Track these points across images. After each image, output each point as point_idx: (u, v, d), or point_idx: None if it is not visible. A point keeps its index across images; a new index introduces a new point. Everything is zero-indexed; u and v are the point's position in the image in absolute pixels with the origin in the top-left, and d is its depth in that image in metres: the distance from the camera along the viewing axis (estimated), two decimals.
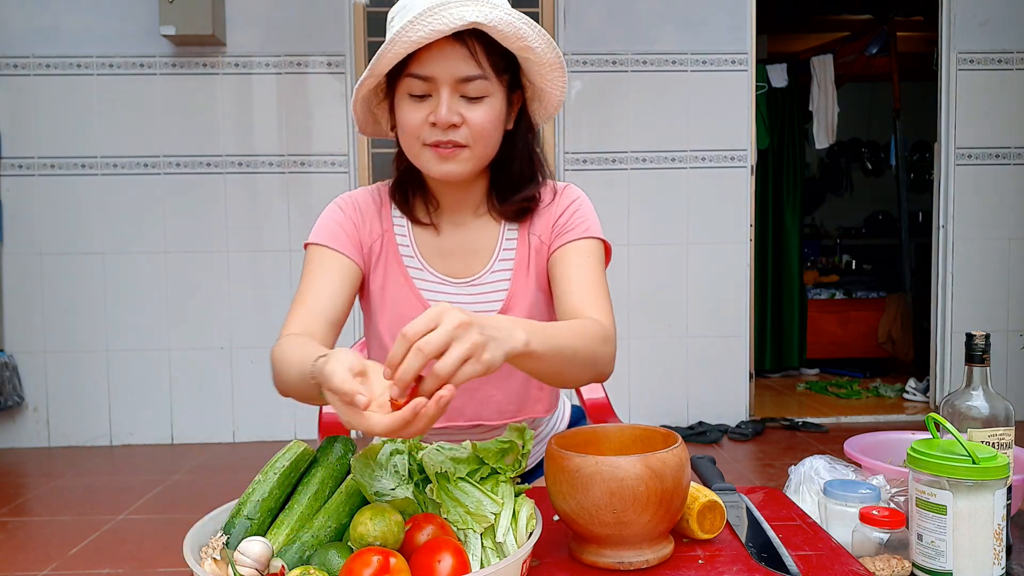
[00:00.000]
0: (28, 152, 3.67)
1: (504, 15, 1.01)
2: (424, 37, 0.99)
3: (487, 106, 1.06)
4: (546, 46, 1.07)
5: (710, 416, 3.93)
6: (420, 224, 1.19)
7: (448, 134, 1.06)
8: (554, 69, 1.10)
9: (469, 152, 1.08)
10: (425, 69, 1.04)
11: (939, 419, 0.87)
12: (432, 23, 0.98)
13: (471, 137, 1.07)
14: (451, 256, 1.19)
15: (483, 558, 0.77)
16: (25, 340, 3.71)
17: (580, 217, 1.19)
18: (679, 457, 0.80)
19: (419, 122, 1.06)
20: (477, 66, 1.04)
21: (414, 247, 1.19)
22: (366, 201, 1.21)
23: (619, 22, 3.83)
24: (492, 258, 1.20)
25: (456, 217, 1.20)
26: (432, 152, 1.08)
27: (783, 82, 4.88)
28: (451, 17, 0.98)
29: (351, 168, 3.76)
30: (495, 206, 1.19)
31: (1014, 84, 3.94)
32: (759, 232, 4.87)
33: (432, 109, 1.05)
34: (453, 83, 1.04)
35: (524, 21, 1.03)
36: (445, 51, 1.02)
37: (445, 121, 1.04)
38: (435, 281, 1.18)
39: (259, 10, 3.70)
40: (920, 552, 0.82)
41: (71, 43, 3.65)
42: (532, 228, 1.21)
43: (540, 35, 1.05)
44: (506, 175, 1.18)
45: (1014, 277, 4.01)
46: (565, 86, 1.13)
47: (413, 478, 0.84)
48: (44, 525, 2.73)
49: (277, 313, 3.77)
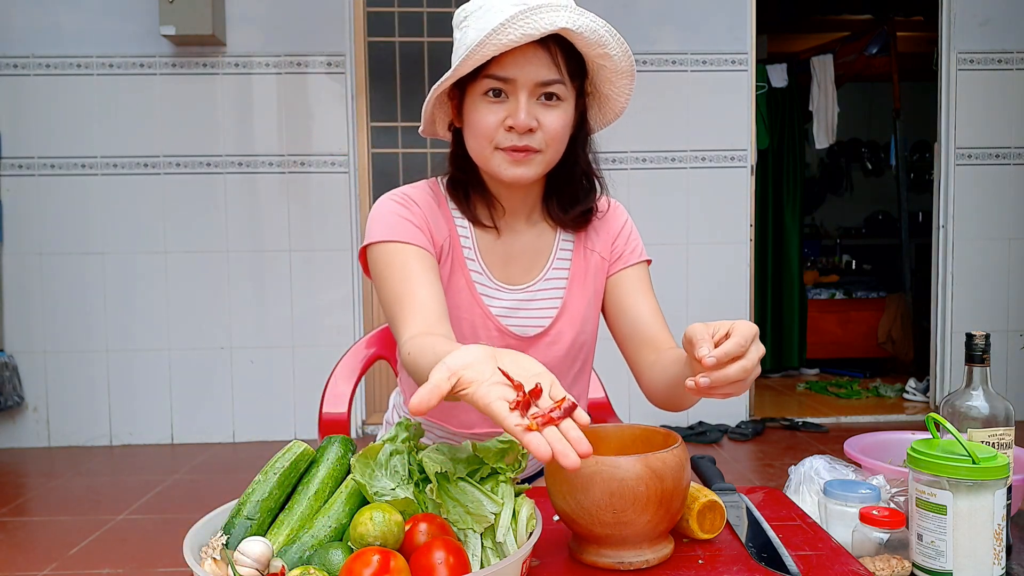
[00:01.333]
0: (28, 152, 3.67)
1: (590, 22, 1.02)
2: (515, 40, 0.99)
3: (562, 111, 1.06)
4: (623, 54, 1.07)
5: (710, 416, 3.93)
6: (481, 227, 1.18)
7: (524, 139, 1.05)
8: (625, 76, 1.10)
9: (541, 156, 1.08)
10: (506, 71, 1.03)
11: (939, 419, 0.87)
12: (523, 27, 0.98)
13: (545, 142, 1.06)
14: (509, 262, 1.19)
15: (483, 558, 0.77)
16: (25, 340, 3.71)
17: (635, 239, 1.24)
18: (679, 457, 0.80)
19: (494, 124, 1.05)
20: (557, 71, 1.04)
21: (476, 250, 1.18)
22: (426, 200, 1.16)
23: (619, 22, 3.79)
24: (546, 266, 1.20)
25: (512, 222, 1.19)
26: (504, 155, 1.07)
27: (783, 82, 4.88)
28: (543, 22, 0.98)
29: (351, 168, 3.76)
30: (553, 214, 1.19)
31: (1014, 84, 3.94)
32: (759, 232, 4.88)
33: (508, 112, 1.05)
34: (532, 87, 1.04)
35: (607, 29, 1.04)
36: (528, 55, 1.02)
37: (524, 125, 1.04)
38: (492, 287, 1.17)
39: (259, 10, 3.70)
40: (920, 552, 0.82)
41: (71, 43, 3.65)
42: (588, 242, 1.22)
43: (619, 43, 1.06)
44: (565, 182, 1.18)
45: (1014, 277, 4.00)
46: (631, 94, 1.13)
47: (413, 478, 0.84)
48: (44, 525, 2.73)
49: (277, 313, 3.78)
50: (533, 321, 1.18)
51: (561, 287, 1.19)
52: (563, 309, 1.19)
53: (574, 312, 1.19)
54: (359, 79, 3.78)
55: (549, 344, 1.18)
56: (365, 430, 3.85)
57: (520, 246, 1.19)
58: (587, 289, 1.20)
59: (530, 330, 1.17)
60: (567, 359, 1.20)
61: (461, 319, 1.16)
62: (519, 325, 1.17)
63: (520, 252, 1.19)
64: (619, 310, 1.21)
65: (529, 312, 1.18)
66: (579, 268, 1.21)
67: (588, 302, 1.20)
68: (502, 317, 1.16)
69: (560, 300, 1.19)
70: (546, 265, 1.20)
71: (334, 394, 1.44)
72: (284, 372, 3.77)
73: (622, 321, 1.21)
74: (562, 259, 1.21)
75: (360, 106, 3.78)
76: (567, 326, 1.19)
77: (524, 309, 1.17)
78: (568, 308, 1.19)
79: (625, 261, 1.22)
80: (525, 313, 1.17)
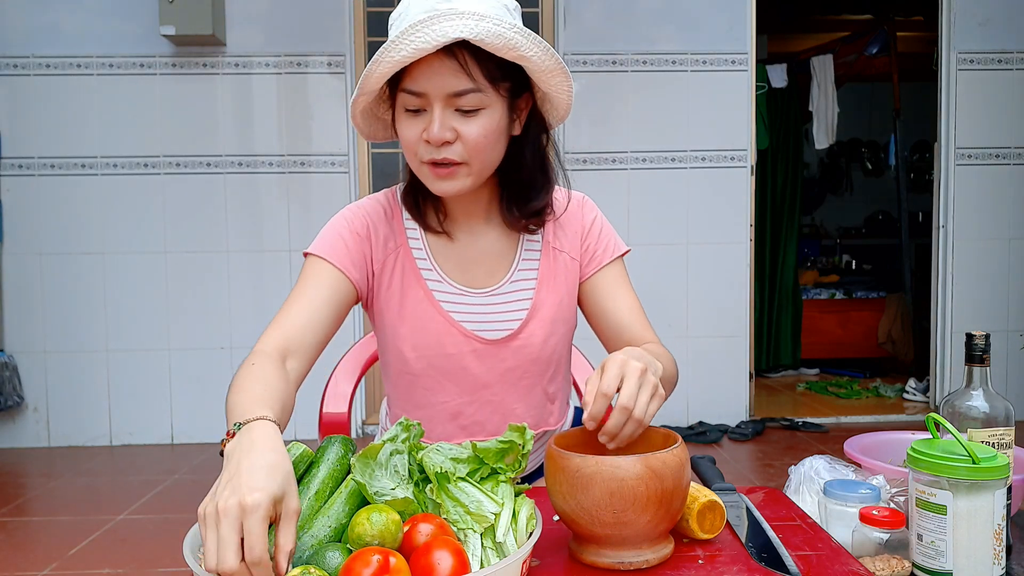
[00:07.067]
0: (28, 152, 3.67)
1: (492, 27, 0.96)
2: (408, 56, 0.96)
3: (484, 118, 1.02)
4: (543, 53, 1.01)
5: (710, 416, 3.93)
6: (433, 232, 1.17)
7: (442, 151, 1.03)
8: (555, 75, 1.05)
9: (467, 169, 1.05)
10: (417, 85, 1.00)
11: (939, 419, 0.87)
12: (415, 41, 0.95)
13: (467, 153, 1.03)
14: (469, 266, 1.17)
15: (483, 558, 0.77)
16: (25, 340, 3.71)
17: (606, 235, 1.23)
18: (679, 457, 0.80)
19: (415, 138, 1.04)
20: (469, 79, 0.99)
21: (430, 258, 1.16)
22: (375, 211, 1.17)
23: (619, 22, 3.83)
24: (511, 268, 1.18)
25: (469, 224, 1.18)
26: (429, 169, 1.05)
27: (783, 82, 4.88)
28: (434, 34, 0.95)
29: (351, 168, 3.76)
30: (508, 216, 1.16)
31: (1014, 84, 3.94)
32: (759, 232, 4.88)
33: (426, 125, 1.02)
34: (445, 98, 1.00)
35: (516, 30, 0.98)
36: (434, 66, 0.99)
37: (438, 139, 1.01)
38: (455, 292, 1.16)
39: (259, 10, 3.70)
40: (920, 552, 0.82)
41: (71, 43, 3.65)
42: (556, 241, 1.20)
43: (535, 43, 1.00)
44: (516, 181, 1.15)
45: (1014, 277, 4.01)
46: (571, 90, 1.08)
47: (413, 478, 0.84)
48: (44, 525, 2.73)
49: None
50: (501, 324, 1.16)
51: (530, 288, 1.18)
52: (533, 311, 1.17)
53: (544, 314, 1.17)
54: (359, 79, 3.78)
55: (519, 347, 1.16)
56: (365, 430, 3.85)
57: (479, 249, 1.18)
58: (558, 290, 1.19)
59: (498, 333, 1.16)
60: (539, 362, 1.19)
61: (424, 329, 1.14)
62: (486, 329, 1.15)
63: (480, 255, 1.18)
64: (599, 313, 1.21)
65: (496, 316, 1.16)
66: (548, 269, 1.19)
67: (559, 302, 1.19)
68: (466, 322, 1.15)
69: (529, 302, 1.17)
70: (511, 267, 1.18)
71: (334, 394, 1.44)
72: None
73: (604, 324, 1.21)
74: (529, 260, 1.19)
75: None
76: (538, 328, 1.17)
77: (491, 313, 1.16)
78: (538, 310, 1.17)
79: (599, 262, 1.21)
80: (492, 316, 1.16)
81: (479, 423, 1.18)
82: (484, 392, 1.17)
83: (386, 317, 1.16)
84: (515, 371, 1.17)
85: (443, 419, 1.18)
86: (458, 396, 1.17)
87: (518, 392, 1.18)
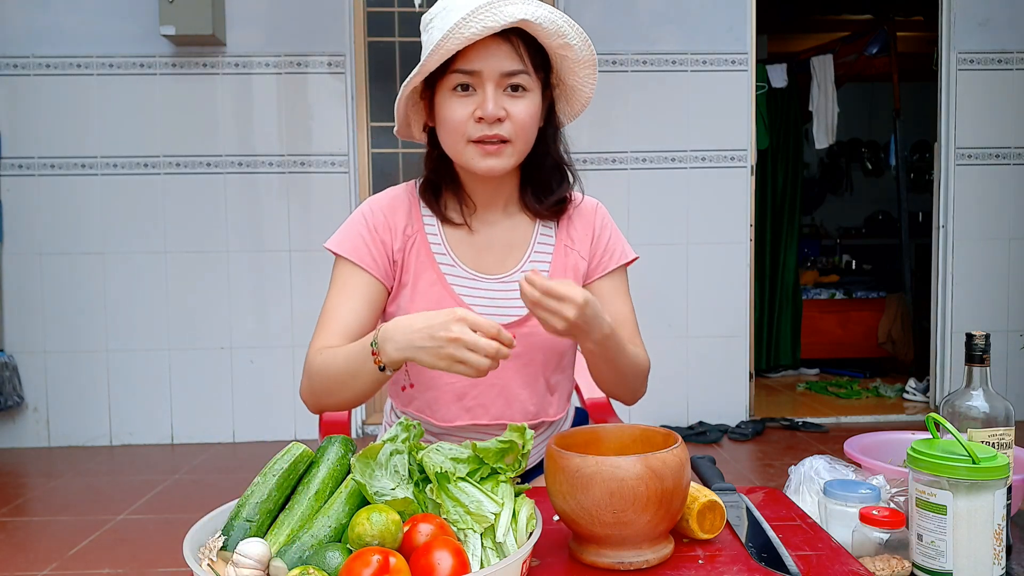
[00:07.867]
0: (28, 152, 3.67)
1: (548, 13, 1.07)
2: (476, 33, 1.04)
3: (529, 100, 1.11)
4: (583, 44, 1.12)
5: (710, 416, 3.93)
6: (452, 224, 1.21)
7: (494, 128, 1.10)
8: (587, 67, 1.16)
9: (511, 148, 1.12)
10: (472, 64, 1.08)
11: (939, 419, 0.87)
12: (483, 20, 1.03)
13: (514, 131, 1.11)
14: (484, 252, 1.22)
15: (483, 558, 0.77)
16: (25, 340, 3.71)
17: (615, 242, 1.27)
18: (679, 457, 0.80)
19: (464, 117, 1.10)
20: (520, 61, 1.09)
21: (445, 244, 1.21)
22: (392, 205, 1.22)
23: (619, 22, 3.83)
24: (524, 257, 1.22)
25: (488, 215, 1.22)
26: (476, 148, 1.11)
27: (783, 82, 4.88)
28: (502, 15, 1.04)
29: (351, 168, 3.76)
30: (529, 204, 1.22)
31: (1014, 84, 3.94)
32: (759, 232, 4.88)
33: (477, 104, 1.09)
34: (498, 78, 1.09)
35: (565, 19, 1.09)
36: (491, 48, 1.08)
37: (492, 115, 1.08)
38: (467, 277, 1.20)
39: (259, 10, 3.70)
40: (920, 552, 0.82)
41: (71, 43, 3.65)
42: (569, 239, 1.24)
43: (578, 33, 1.12)
44: (538, 172, 1.22)
45: (1014, 277, 4.00)
46: (595, 84, 1.18)
47: (413, 478, 0.84)
48: (44, 525, 2.73)
49: (277, 313, 3.78)
50: (511, 310, 1.19)
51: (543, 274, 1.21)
52: None
53: None
54: (359, 79, 3.78)
55: (527, 334, 1.19)
56: (365, 430, 3.85)
57: (494, 237, 1.22)
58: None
59: (507, 318, 1.19)
60: (545, 350, 1.21)
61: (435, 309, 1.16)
62: (496, 313, 1.18)
63: (495, 243, 1.22)
64: None
65: (507, 301, 1.19)
66: (560, 262, 1.23)
67: None
68: (477, 306, 1.18)
69: None
70: (524, 256, 1.22)
71: None
72: (284, 372, 3.77)
73: None
74: (542, 251, 1.23)
75: (360, 106, 3.79)
76: None
77: (502, 298, 1.19)
78: None
79: (604, 268, 1.26)
80: (503, 302, 1.19)
81: (483, 405, 1.20)
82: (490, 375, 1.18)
83: (400, 299, 1.21)
84: (521, 357, 1.19)
85: (448, 400, 1.21)
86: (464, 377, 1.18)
87: (522, 378, 1.21)
